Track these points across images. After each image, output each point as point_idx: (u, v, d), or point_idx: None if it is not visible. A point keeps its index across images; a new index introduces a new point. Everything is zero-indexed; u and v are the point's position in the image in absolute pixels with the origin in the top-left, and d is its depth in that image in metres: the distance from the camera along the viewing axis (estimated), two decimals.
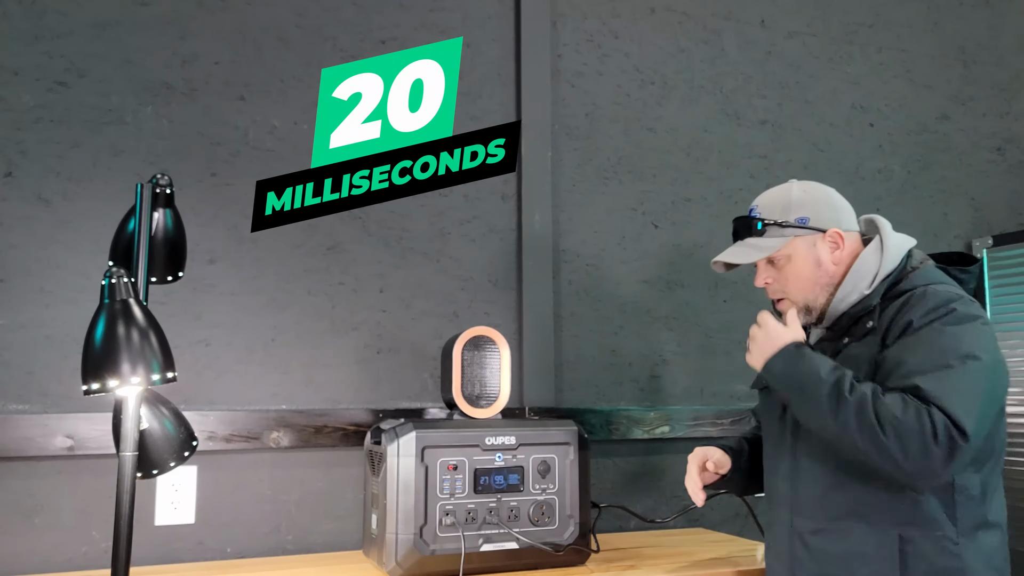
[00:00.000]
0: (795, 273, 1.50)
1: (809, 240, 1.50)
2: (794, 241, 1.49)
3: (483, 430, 1.68)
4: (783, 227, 1.50)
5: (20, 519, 1.72)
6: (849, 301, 1.48)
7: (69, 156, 1.83)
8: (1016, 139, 2.82)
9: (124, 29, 1.90)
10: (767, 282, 1.54)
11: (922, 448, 1.26)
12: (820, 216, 1.50)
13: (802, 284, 1.50)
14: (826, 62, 2.59)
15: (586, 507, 1.73)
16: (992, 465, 1.40)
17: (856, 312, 1.47)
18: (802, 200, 1.52)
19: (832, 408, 1.32)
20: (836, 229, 1.50)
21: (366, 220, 2.05)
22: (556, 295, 2.20)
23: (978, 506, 1.37)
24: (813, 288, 1.50)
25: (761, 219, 1.51)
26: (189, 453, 1.42)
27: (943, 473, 1.29)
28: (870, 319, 1.44)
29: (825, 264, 1.49)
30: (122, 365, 1.24)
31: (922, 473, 1.29)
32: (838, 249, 1.50)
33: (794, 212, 1.50)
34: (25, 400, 1.75)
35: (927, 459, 1.26)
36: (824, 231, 1.49)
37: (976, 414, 1.28)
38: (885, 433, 1.28)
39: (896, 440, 1.27)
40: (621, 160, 2.32)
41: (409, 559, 1.59)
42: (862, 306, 1.46)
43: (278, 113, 2.00)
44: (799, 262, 1.50)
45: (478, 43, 2.20)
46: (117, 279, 1.28)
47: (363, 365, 2.01)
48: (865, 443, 1.30)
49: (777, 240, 1.50)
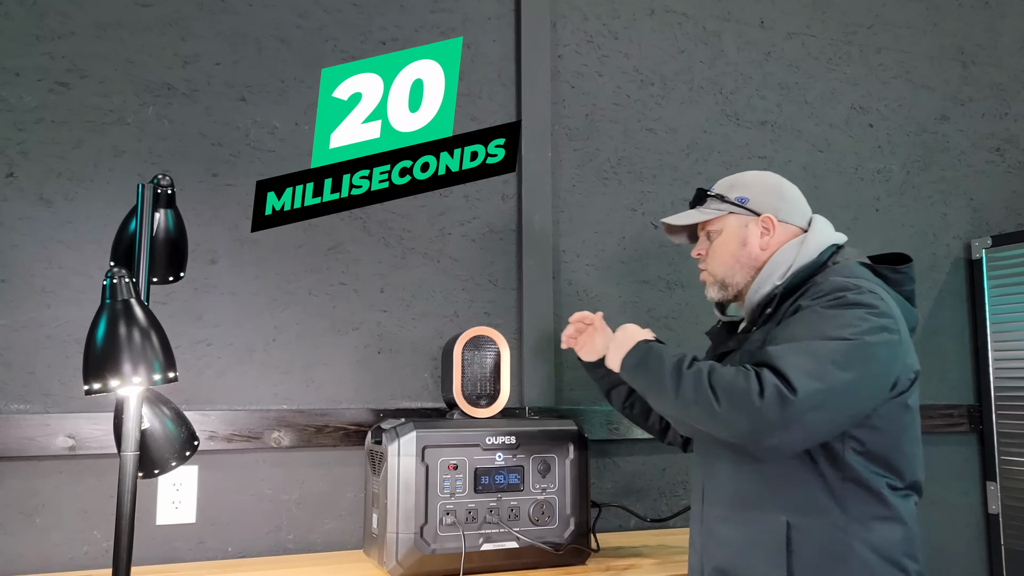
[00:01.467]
0: (721, 247, 1.56)
1: (742, 220, 1.55)
2: (728, 216, 1.56)
3: (483, 430, 1.69)
4: (723, 201, 1.56)
5: (22, 519, 1.73)
6: (762, 292, 1.51)
7: (70, 156, 1.83)
8: (1015, 140, 2.82)
9: (125, 30, 1.90)
10: (700, 253, 1.61)
11: (750, 407, 1.27)
12: (760, 201, 1.55)
13: (723, 259, 1.55)
14: (825, 63, 2.60)
15: (586, 507, 1.74)
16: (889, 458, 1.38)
17: (763, 302, 1.51)
18: (749, 183, 1.58)
19: (673, 386, 1.36)
20: (771, 216, 1.53)
21: (367, 220, 2.05)
22: (556, 295, 2.21)
23: (872, 498, 1.36)
24: (733, 265, 1.54)
25: (706, 191, 1.59)
26: (190, 453, 1.42)
27: (780, 434, 1.27)
28: (769, 306, 1.48)
29: (751, 246, 1.53)
30: (123, 365, 1.24)
31: (756, 434, 1.28)
32: (768, 235, 1.53)
33: (737, 191, 1.56)
34: (27, 400, 1.76)
35: (757, 418, 1.27)
36: (759, 215, 1.54)
37: (819, 376, 1.26)
38: (718, 399, 1.30)
39: (728, 403, 1.29)
40: (621, 160, 2.32)
41: (410, 558, 1.59)
42: (768, 296, 1.50)
43: (279, 114, 2.01)
44: (727, 237, 1.55)
45: (478, 44, 2.21)
46: (118, 279, 1.29)
47: (364, 365, 2.01)
48: (702, 413, 1.33)
49: (711, 211, 1.57)
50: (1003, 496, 2.49)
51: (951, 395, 2.59)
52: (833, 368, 1.28)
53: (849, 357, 1.30)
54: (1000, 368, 2.51)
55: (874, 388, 1.34)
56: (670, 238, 1.71)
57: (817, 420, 1.29)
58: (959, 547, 2.54)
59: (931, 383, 2.58)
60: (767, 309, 1.49)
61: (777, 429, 1.27)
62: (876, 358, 1.33)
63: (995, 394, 2.52)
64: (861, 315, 1.34)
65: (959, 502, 2.56)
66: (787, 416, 1.26)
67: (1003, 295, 2.53)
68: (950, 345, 2.62)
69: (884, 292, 1.42)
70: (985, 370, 2.56)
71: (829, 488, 1.36)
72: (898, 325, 1.38)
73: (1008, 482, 2.48)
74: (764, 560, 1.39)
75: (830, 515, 1.36)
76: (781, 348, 1.32)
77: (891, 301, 1.41)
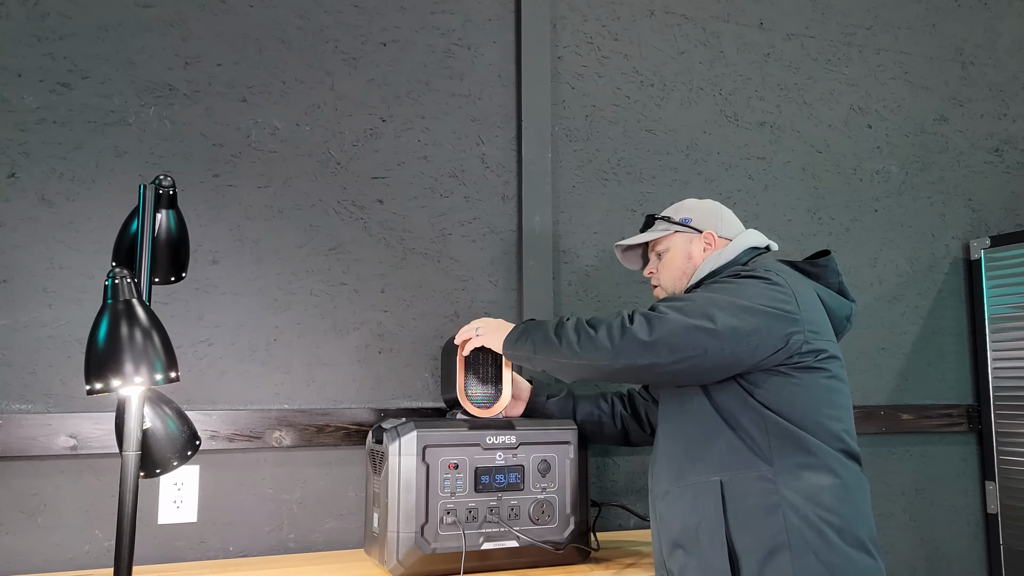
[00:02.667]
0: (669, 262, 1.73)
1: (687, 237, 1.72)
2: (675, 235, 1.74)
3: (484, 429, 1.69)
4: (669, 223, 1.74)
5: (23, 518, 1.73)
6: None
7: (72, 157, 1.84)
8: (1014, 140, 2.83)
9: (126, 31, 1.91)
10: (652, 272, 1.78)
11: (621, 329, 1.44)
12: (702, 220, 1.73)
13: (673, 273, 1.72)
14: (824, 64, 2.60)
15: (586, 506, 1.74)
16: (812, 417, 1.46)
17: None
18: (691, 207, 1.76)
19: (557, 339, 1.52)
20: (711, 231, 1.71)
21: (367, 221, 2.06)
22: (556, 295, 2.21)
23: (798, 450, 1.44)
24: (680, 277, 1.71)
25: (655, 215, 1.79)
26: (192, 452, 1.42)
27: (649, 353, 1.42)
28: None
29: (695, 259, 1.71)
30: (125, 365, 1.25)
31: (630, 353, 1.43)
32: (710, 249, 1.70)
33: (682, 213, 1.75)
34: (28, 400, 1.76)
35: (628, 337, 1.43)
36: (701, 231, 1.71)
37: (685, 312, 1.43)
38: (595, 330, 1.47)
39: (604, 331, 1.46)
40: (620, 161, 2.33)
41: (410, 557, 1.60)
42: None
43: (280, 114, 2.01)
44: (674, 253, 1.73)
45: (478, 45, 2.21)
46: (120, 279, 1.29)
47: (364, 365, 2.02)
48: (585, 350, 1.47)
49: (658, 233, 1.75)
50: (1002, 496, 2.50)
51: (950, 395, 2.60)
52: (704, 309, 1.44)
53: (724, 307, 1.45)
54: (999, 368, 2.52)
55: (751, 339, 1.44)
56: (625, 265, 1.88)
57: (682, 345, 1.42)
58: (958, 547, 2.55)
59: (930, 383, 2.59)
60: None
61: (647, 349, 1.42)
62: (755, 311, 1.44)
63: (994, 394, 2.53)
64: (753, 283, 1.48)
65: (958, 502, 2.57)
66: (655, 328, 1.42)
67: (1002, 295, 2.53)
68: (949, 345, 2.62)
69: (789, 275, 1.53)
70: (984, 370, 2.57)
71: (753, 442, 1.46)
72: (793, 298, 1.48)
73: (1007, 482, 2.49)
74: (705, 521, 1.47)
75: (758, 468, 1.45)
76: (664, 303, 1.49)
77: (792, 280, 1.52)
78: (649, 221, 1.79)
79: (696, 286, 1.64)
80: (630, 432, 1.91)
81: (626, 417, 1.91)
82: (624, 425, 1.90)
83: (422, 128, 2.13)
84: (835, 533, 1.41)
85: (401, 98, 2.12)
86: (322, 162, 2.03)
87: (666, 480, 1.57)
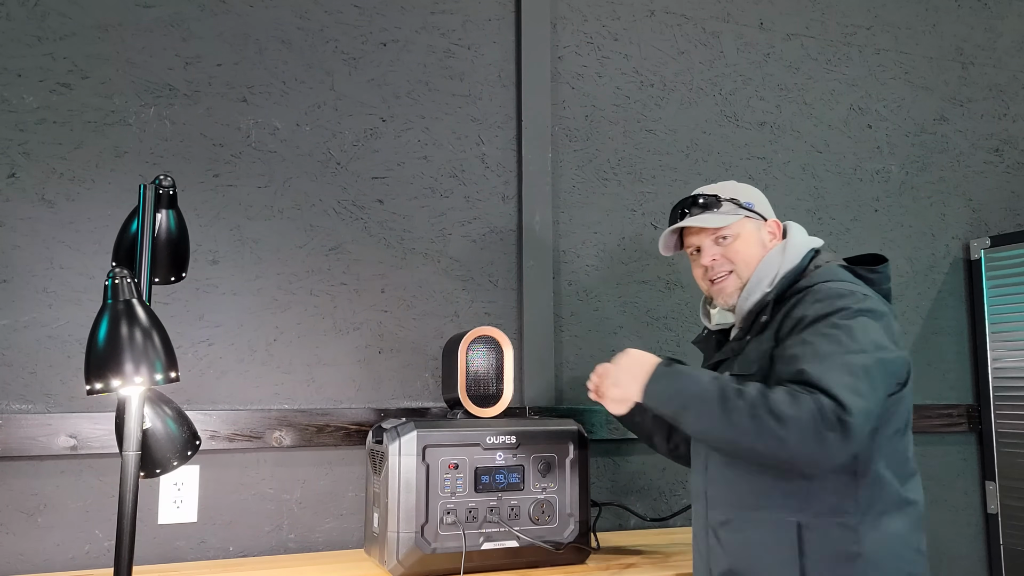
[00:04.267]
0: (744, 250, 1.57)
1: (755, 223, 1.59)
2: (744, 221, 1.58)
3: (484, 429, 1.69)
4: (737, 204, 1.59)
5: (23, 518, 1.73)
6: (752, 300, 1.53)
7: (72, 157, 1.84)
8: (1013, 140, 2.83)
9: (127, 31, 1.91)
10: (715, 259, 1.58)
11: (817, 437, 1.27)
12: (763, 207, 1.62)
13: (750, 261, 1.56)
14: (824, 64, 2.60)
15: (586, 506, 1.74)
16: (894, 448, 1.41)
17: (755, 309, 1.53)
18: (747, 191, 1.63)
19: (724, 417, 1.33)
20: (775, 220, 1.61)
21: (367, 221, 2.06)
22: (556, 295, 2.21)
23: (883, 492, 1.38)
24: (757, 265, 1.56)
25: (718, 196, 1.59)
26: (192, 452, 1.42)
27: (843, 457, 1.30)
28: (763, 314, 1.50)
29: (767, 247, 1.58)
30: (125, 365, 1.25)
31: (822, 461, 1.30)
32: (775, 238, 1.60)
33: (744, 197, 1.61)
34: (28, 400, 1.76)
35: (824, 447, 1.27)
36: (766, 219, 1.61)
37: (862, 393, 1.29)
38: (786, 428, 1.28)
39: (792, 435, 1.27)
40: (620, 161, 2.33)
41: (410, 557, 1.60)
42: (759, 303, 1.52)
43: (280, 115, 2.01)
44: (747, 239, 1.57)
45: (479, 45, 2.21)
46: (120, 279, 1.29)
47: (365, 365, 2.02)
48: (763, 444, 1.30)
49: (731, 217, 1.57)
50: (1002, 496, 2.50)
51: (950, 395, 2.60)
52: (867, 382, 1.31)
53: (875, 370, 1.33)
54: (999, 368, 2.52)
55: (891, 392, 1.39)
56: (663, 252, 1.67)
57: (864, 435, 1.31)
58: (958, 547, 2.55)
59: (930, 383, 2.59)
60: (761, 316, 1.50)
61: (845, 452, 1.29)
62: (893, 362, 1.37)
63: (994, 394, 2.53)
64: (867, 323, 1.37)
65: (958, 502, 2.57)
66: (851, 438, 1.27)
67: (1002, 295, 2.53)
68: (949, 345, 2.62)
69: (871, 293, 1.46)
70: (984, 370, 2.57)
71: (841, 487, 1.37)
72: (894, 324, 1.42)
73: (1007, 481, 2.49)
74: (775, 562, 1.39)
75: (841, 514, 1.37)
76: (818, 368, 1.31)
77: (878, 300, 1.45)
78: (701, 203, 1.58)
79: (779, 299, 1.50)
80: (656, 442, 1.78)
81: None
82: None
83: (422, 128, 2.13)
84: None
85: (401, 98, 2.12)
86: (322, 162, 2.03)
87: (727, 507, 1.48)
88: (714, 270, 1.59)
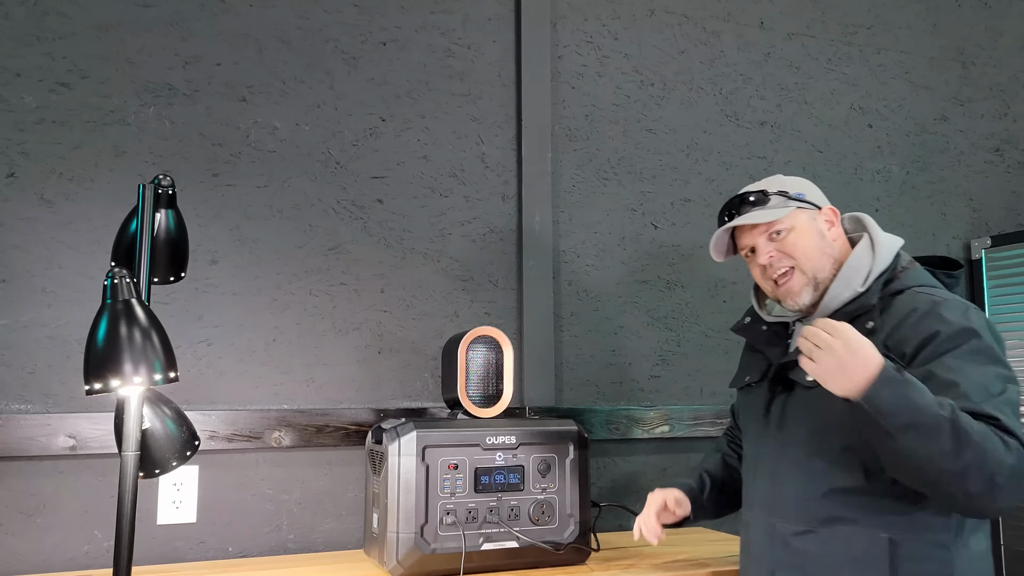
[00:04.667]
0: (801, 242, 1.48)
1: (809, 214, 1.51)
2: (796, 212, 1.50)
3: (483, 429, 1.69)
4: (786, 197, 1.51)
5: (22, 518, 1.73)
6: (842, 298, 1.45)
7: (71, 157, 1.84)
8: (1014, 140, 2.82)
9: (126, 30, 1.90)
10: (771, 256, 1.50)
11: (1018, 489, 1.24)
12: (814, 196, 1.55)
13: (810, 253, 1.48)
14: (825, 63, 2.60)
15: (586, 506, 1.74)
16: None
17: (852, 311, 1.44)
18: (796, 182, 1.56)
19: (954, 449, 1.20)
20: (831, 208, 1.53)
21: (367, 220, 2.05)
22: (556, 295, 2.21)
23: None
24: (820, 257, 1.48)
25: (765, 191, 1.52)
26: (191, 453, 1.42)
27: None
28: (869, 319, 1.41)
29: (827, 237, 1.50)
30: (124, 365, 1.24)
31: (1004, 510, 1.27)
32: (833, 227, 1.52)
33: (792, 189, 1.53)
34: (27, 400, 1.76)
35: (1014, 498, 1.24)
36: (820, 208, 1.53)
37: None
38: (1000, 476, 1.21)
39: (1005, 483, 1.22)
40: (621, 161, 2.33)
41: (410, 558, 1.59)
42: (858, 304, 1.43)
43: (279, 114, 2.01)
44: (803, 231, 1.49)
45: (479, 44, 2.21)
46: (119, 279, 1.29)
47: (364, 365, 2.01)
48: (973, 485, 1.22)
49: (781, 210, 1.49)
50: None
51: None
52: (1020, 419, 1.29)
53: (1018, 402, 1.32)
54: None
55: None
56: (715, 257, 1.59)
57: None
58: None
59: None
60: (867, 322, 1.40)
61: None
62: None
63: None
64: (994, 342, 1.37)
65: None
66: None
67: (1002, 295, 2.53)
68: None
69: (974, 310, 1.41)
70: None
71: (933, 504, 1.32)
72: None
73: None
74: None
75: (936, 532, 1.33)
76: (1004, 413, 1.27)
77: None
78: (748, 200, 1.51)
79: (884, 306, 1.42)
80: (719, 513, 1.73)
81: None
82: None
83: (422, 128, 2.13)
84: None
85: (401, 97, 2.12)
86: (322, 162, 2.03)
87: (806, 517, 1.41)
88: (773, 268, 1.50)
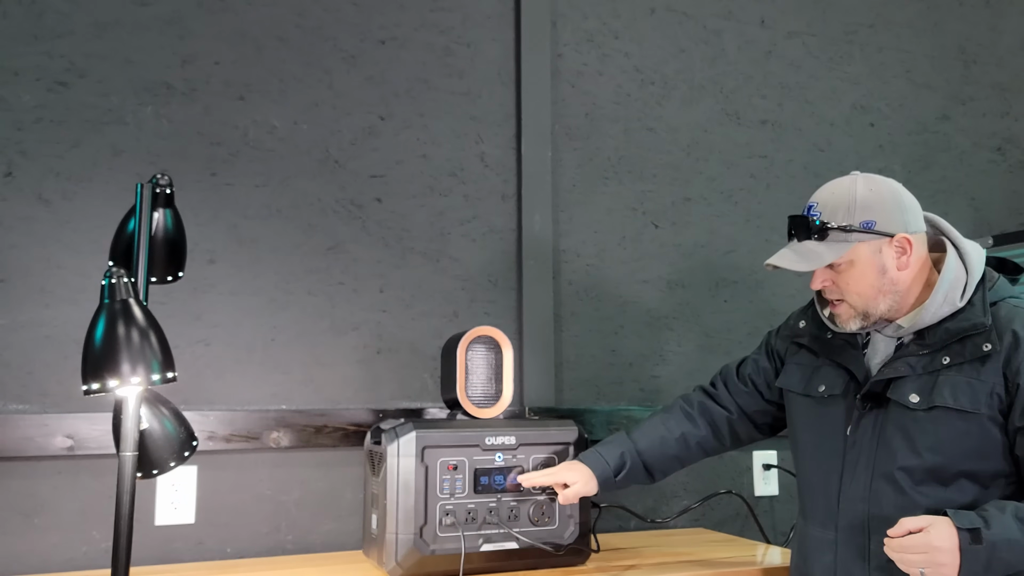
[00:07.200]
0: (857, 279, 1.39)
1: (874, 245, 1.39)
2: (858, 247, 1.39)
3: (483, 430, 1.68)
4: (847, 232, 1.38)
5: (20, 519, 1.72)
6: (941, 313, 1.37)
7: (69, 156, 1.83)
8: (1016, 139, 2.82)
9: (124, 29, 1.90)
10: (825, 284, 1.43)
11: None
12: (888, 219, 1.39)
13: (864, 291, 1.39)
14: (826, 62, 2.59)
15: (586, 507, 1.73)
16: None
17: (959, 328, 1.36)
18: (868, 201, 1.39)
19: None
20: (904, 234, 1.38)
21: (366, 220, 2.05)
22: (556, 295, 2.20)
23: None
24: (876, 296, 1.39)
25: (822, 222, 1.40)
26: (189, 453, 1.42)
27: None
28: (986, 341, 1.33)
29: (890, 271, 1.39)
30: (122, 365, 1.24)
31: None
32: (904, 255, 1.39)
33: (859, 215, 1.39)
34: (25, 400, 1.75)
35: None
36: (891, 235, 1.38)
37: None
38: None
39: None
40: (621, 160, 2.32)
41: (409, 559, 1.59)
42: (967, 322, 1.36)
43: (278, 113, 2.00)
44: (863, 268, 1.39)
45: (478, 43, 2.20)
46: (117, 279, 1.28)
47: (363, 365, 2.01)
48: None
49: (840, 246, 1.38)
50: None
51: None
52: None
53: None
54: None
55: None
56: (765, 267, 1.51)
57: None
58: None
59: None
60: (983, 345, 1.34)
61: None
62: None
63: None
64: None
65: None
66: None
67: None
68: None
69: None
70: None
71: None
72: None
73: None
74: None
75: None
76: None
77: None
78: (806, 226, 1.41)
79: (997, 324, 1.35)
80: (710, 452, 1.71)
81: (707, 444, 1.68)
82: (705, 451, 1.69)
83: (421, 126, 2.12)
84: None
85: (400, 96, 2.11)
86: (320, 161, 2.02)
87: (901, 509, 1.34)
88: (826, 294, 1.45)
